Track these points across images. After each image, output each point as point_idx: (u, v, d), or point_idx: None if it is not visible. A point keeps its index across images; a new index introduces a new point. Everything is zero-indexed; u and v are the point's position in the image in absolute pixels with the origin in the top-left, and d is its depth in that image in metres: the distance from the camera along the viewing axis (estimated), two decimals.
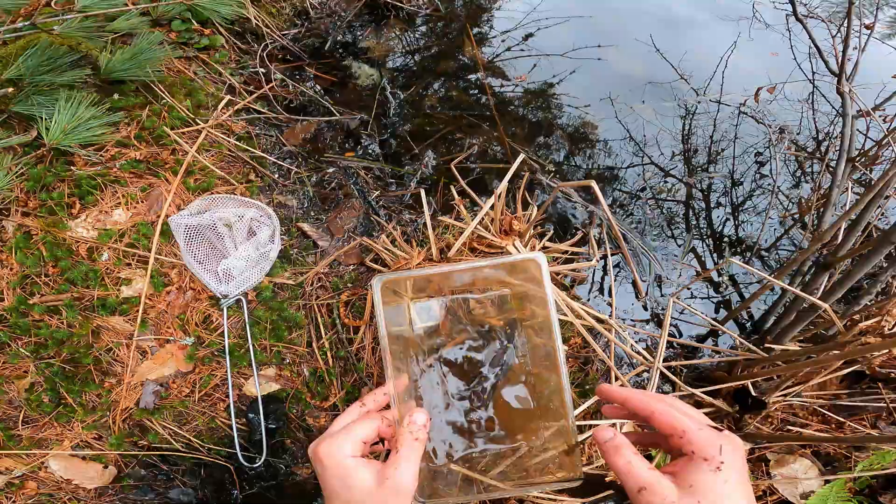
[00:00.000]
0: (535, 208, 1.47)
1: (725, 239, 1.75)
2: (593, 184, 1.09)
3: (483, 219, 1.34)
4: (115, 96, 1.43)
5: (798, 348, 1.33)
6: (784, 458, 1.36)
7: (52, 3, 1.43)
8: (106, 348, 1.35)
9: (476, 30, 2.15)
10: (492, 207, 1.35)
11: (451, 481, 1.17)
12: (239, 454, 1.36)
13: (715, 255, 1.71)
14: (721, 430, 0.60)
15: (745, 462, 0.61)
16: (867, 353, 1.16)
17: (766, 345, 1.35)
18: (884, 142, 1.41)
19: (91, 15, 1.28)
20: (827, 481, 1.31)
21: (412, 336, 1.07)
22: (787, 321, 1.38)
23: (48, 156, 1.38)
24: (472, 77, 1.99)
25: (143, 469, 1.39)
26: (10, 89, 1.22)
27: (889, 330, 1.27)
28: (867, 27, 1.76)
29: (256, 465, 1.37)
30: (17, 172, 1.34)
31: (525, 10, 2.27)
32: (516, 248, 1.25)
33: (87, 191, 1.39)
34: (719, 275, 1.68)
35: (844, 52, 1.21)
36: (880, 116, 1.70)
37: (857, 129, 1.49)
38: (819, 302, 1.21)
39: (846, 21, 1.22)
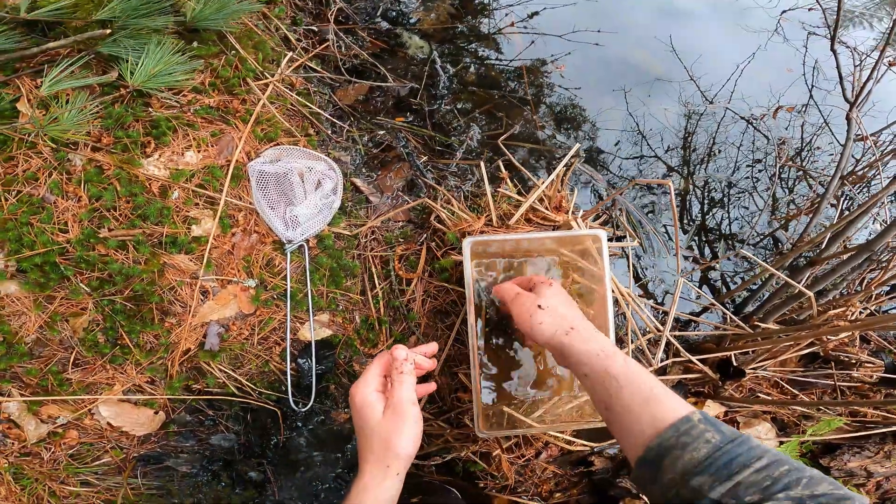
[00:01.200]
0: (574, 191, 1.63)
1: (719, 233, 1.98)
2: (671, 183, 1.25)
3: (539, 194, 1.49)
4: (195, 44, 1.44)
5: (778, 328, 1.58)
6: (750, 421, 1.61)
7: None
8: (169, 287, 1.39)
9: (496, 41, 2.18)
10: (549, 185, 1.51)
11: (500, 421, 1.36)
12: (290, 397, 1.45)
13: (708, 247, 1.95)
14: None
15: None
16: (835, 334, 1.42)
17: (753, 323, 1.60)
18: (875, 164, 1.66)
19: None
20: (781, 443, 1.58)
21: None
22: (772, 305, 1.63)
23: (127, 96, 1.38)
24: (513, 66, 2.08)
25: (188, 415, 1.44)
26: (107, 31, 1.21)
27: (851, 318, 1.54)
28: (891, 64, 1.98)
29: (304, 409, 1.47)
30: (91, 110, 1.34)
31: None
32: (577, 224, 1.41)
33: (163, 131, 1.41)
34: (718, 262, 1.91)
35: (865, 84, 1.41)
36: (873, 141, 1.96)
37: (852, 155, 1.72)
38: (806, 291, 1.44)
39: (880, 55, 1.40)
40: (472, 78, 1.96)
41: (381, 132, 1.76)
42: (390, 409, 0.89)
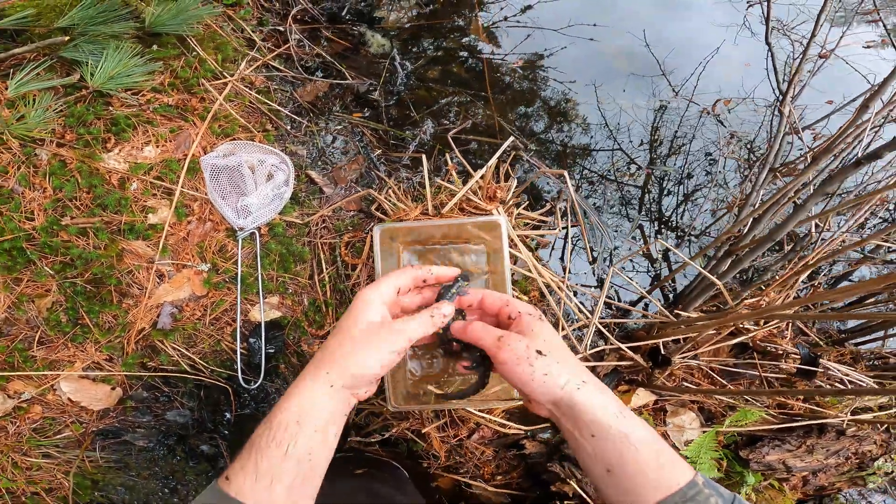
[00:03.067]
0: (515, 181, 1.70)
1: (669, 223, 2.02)
2: (566, 174, 1.32)
3: (472, 185, 1.57)
4: (155, 47, 1.55)
5: (696, 315, 1.62)
6: (677, 410, 1.65)
7: None
8: (127, 270, 1.51)
9: (480, 43, 2.25)
10: (482, 177, 1.58)
11: (425, 400, 1.45)
12: (240, 375, 1.55)
13: (658, 235, 1.99)
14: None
15: None
16: (739, 321, 1.46)
17: (676, 311, 1.64)
18: (805, 157, 1.68)
19: None
20: (704, 432, 1.63)
21: None
22: (694, 294, 1.68)
23: (88, 97, 1.51)
24: (473, 61, 2.15)
25: (145, 391, 1.56)
26: (66, 38, 1.33)
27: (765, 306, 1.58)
28: (822, 56, 1.99)
29: (253, 386, 1.57)
30: (56, 109, 1.47)
31: None
32: (498, 212, 1.48)
33: (122, 128, 1.54)
34: (657, 252, 1.96)
35: (793, 77, 1.43)
36: (811, 133, 1.98)
37: (789, 142, 1.73)
38: (715, 279, 1.48)
39: (804, 50, 1.43)
40: (433, 74, 2.04)
41: (339, 127, 1.86)
42: (394, 324, 0.81)
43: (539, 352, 0.77)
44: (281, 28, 1.91)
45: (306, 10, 1.97)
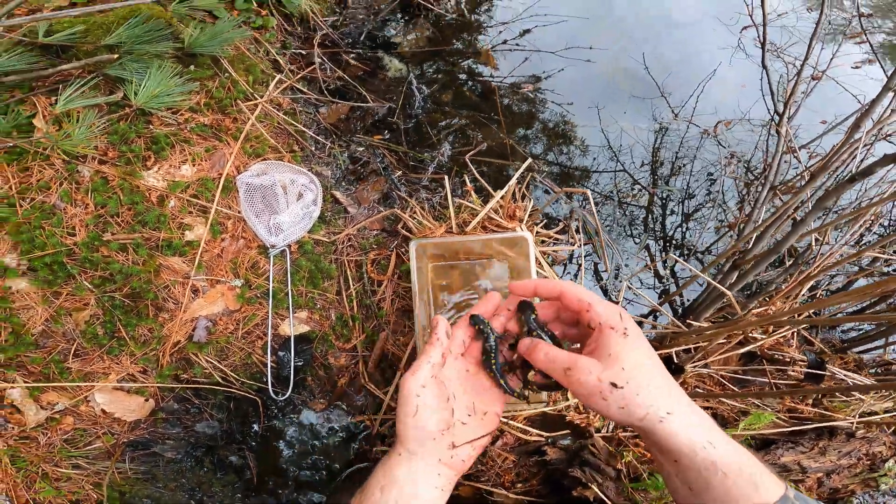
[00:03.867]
0: (532, 201, 1.80)
1: (673, 240, 2.14)
2: (589, 193, 1.42)
3: (494, 204, 1.67)
4: (192, 68, 1.63)
5: (706, 325, 1.73)
6: None
7: None
8: (164, 286, 1.57)
9: (475, 16, 2.42)
10: (502, 196, 1.68)
11: None
12: (270, 387, 1.61)
13: (663, 252, 2.11)
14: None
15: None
16: (749, 329, 1.56)
17: (687, 321, 1.75)
18: (803, 175, 1.82)
19: None
20: None
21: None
22: (702, 306, 1.79)
23: (131, 115, 1.58)
24: (484, 86, 2.27)
25: (176, 403, 1.60)
26: (115, 56, 1.41)
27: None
28: (814, 77, 2.14)
29: (282, 398, 1.63)
30: (99, 127, 1.53)
31: (527, 3, 2.53)
32: (521, 229, 1.58)
33: (162, 146, 1.60)
34: (664, 268, 2.07)
35: (789, 99, 1.56)
36: (807, 152, 2.12)
37: (786, 161, 1.86)
38: (725, 290, 1.59)
39: (798, 72, 1.56)
40: (448, 97, 2.15)
41: (361, 148, 1.95)
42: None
43: (614, 384, 0.69)
44: (303, 51, 2.00)
45: (328, 35, 2.07)
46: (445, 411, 0.79)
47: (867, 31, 2.66)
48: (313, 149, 1.89)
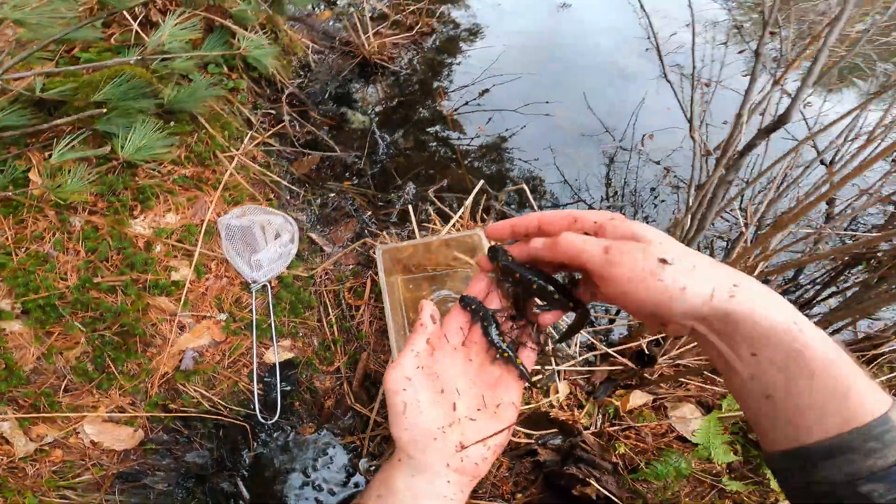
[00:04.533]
0: (491, 221, 1.97)
1: None
2: (525, 187, 1.59)
3: (456, 224, 1.83)
4: (172, 124, 1.82)
5: None
6: (676, 404, 1.84)
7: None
8: (152, 323, 1.68)
9: (437, 83, 2.68)
10: (460, 216, 1.85)
11: None
12: (257, 410, 1.69)
13: None
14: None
15: None
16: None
17: None
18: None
19: (167, 57, 1.69)
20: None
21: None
22: None
23: (118, 167, 1.74)
24: (441, 130, 2.52)
25: (165, 434, 1.66)
26: (104, 109, 1.59)
27: None
28: (706, 84, 2.40)
29: (270, 421, 1.70)
30: (89, 179, 1.69)
31: (483, 66, 2.83)
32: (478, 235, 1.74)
33: (147, 196, 1.76)
34: None
35: (692, 106, 1.79)
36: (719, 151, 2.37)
37: (705, 161, 2.06)
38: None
39: (697, 84, 1.80)
40: (409, 143, 2.38)
41: (332, 194, 2.13)
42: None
43: (663, 260, 0.56)
44: (273, 111, 2.23)
45: (294, 94, 2.31)
46: (442, 406, 0.68)
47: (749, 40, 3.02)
48: (288, 197, 2.06)
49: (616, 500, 1.56)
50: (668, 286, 0.56)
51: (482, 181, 1.87)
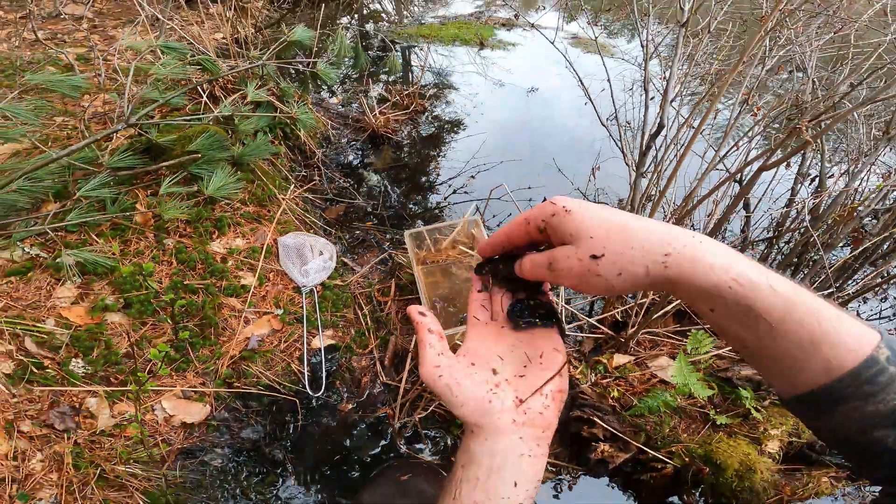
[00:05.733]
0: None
1: None
2: (505, 185, 2.18)
3: (457, 235, 2.40)
4: (239, 173, 2.44)
5: None
6: (653, 358, 2.22)
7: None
8: (224, 318, 2.17)
9: (425, 178, 3.33)
10: (458, 231, 2.42)
11: None
12: (307, 386, 2.13)
13: None
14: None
15: None
16: None
17: None
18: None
19: (242, 115, 2.35)
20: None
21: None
22: None
23: (202, 202, 2.33)
24: (436, 181, 3.20)
25: (226, 412, 2.03)
26: (198, 155, 2.21)
27: None
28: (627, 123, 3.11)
29: (316, 394, 2.13)
30: (181, 210, 2.26)
31: (466, 158, 3.51)
32: (474, 235, 2.30)
33: (223, 225, 2.33)
34: None
35: (642, 151, 2.44)
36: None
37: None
38: None
39: (644, 130, 2.47)
40: (415, 195, 3.03)
41: (357, 232, 2.72)
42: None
43: (594, 256, 0.61)
44: (305, 173, 2.88)
45: (321, 158, 2.99)
46: (481, 374, 0.70)
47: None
48: (323, 234, 2.64)
49: (620, 434, 1.85)
50: (606, 278, 0.60)
51: (474, 203, 2.47)
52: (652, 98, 2.29)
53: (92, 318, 2.00)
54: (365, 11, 5.33)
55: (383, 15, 5.23)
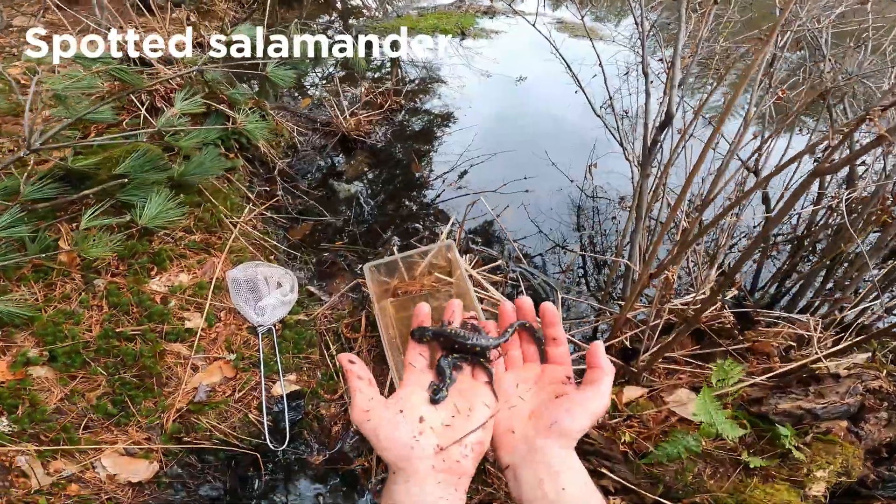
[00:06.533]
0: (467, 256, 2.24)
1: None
2: (482, 198, 1.88)
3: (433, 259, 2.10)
4: (182, 196, 2.15)
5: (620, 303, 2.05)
6: (672, 390, 1.95)
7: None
8: (167, 366, 1.88)
9: (419, 175, 3.05)
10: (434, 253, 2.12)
11: None
12: (267, 439, 1.84)
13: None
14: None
15: None
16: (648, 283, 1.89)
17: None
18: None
19: (177, 130, 2.04)
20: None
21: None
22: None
23: (136, 234, 2.04)
24: (417, 189, 2.89)
25: (179, 468, 1.79)
26: (125, 179, 1.92)
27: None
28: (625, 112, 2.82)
29: (280, 448, 1.84)
30: (110, 245, 1.97)
31: (460, 150, 3.22)
32: (454, 258, 2.00)
33: (163, 259, 2.04)
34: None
35: (646, 146, 2.13)
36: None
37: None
38: (626, 261, 1.96)
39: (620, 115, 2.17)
40: (390, 205, 2.73)
41: (326, 254, 2.41)
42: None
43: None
44: (267, 188, 2.58)
45: (284, 171, 2.68)
46: (408, 422, 0.77)
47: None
48: (286, 259, 2.34)
49: (634, 487, 1.62)
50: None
51: (452, 219, 2.17)
52: (652, 82, 1.98)
53: (14, 374, 1.76)
54: (344, 7, 5.03)
55: (364, 11, 4.92)
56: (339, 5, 5.09)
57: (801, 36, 2.02)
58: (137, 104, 2.31)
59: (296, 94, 3.44)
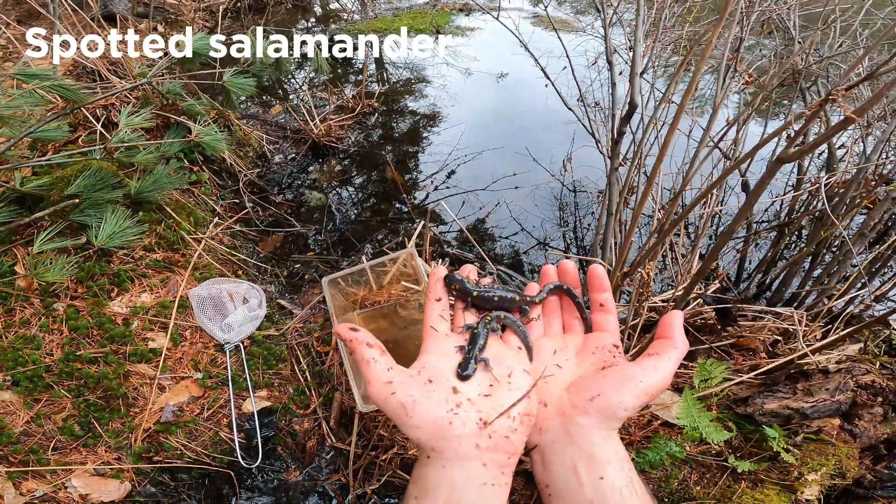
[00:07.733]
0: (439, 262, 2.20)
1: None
2: (444, 203, 1.86)
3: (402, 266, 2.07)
4: (140, 213, 2.12)
5: None
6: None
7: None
8: (133, 387, 1.86)
9: (375, 190, 3.00)
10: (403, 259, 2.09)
11: None
12: (239, 454, 1.82)
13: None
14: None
15: None
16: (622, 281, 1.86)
17: None
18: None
19: (132, 146, 2.02)
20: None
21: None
22: None
23: (94, 255, 2.01)
24: (391, 195, 2.86)
25: (153, 486, 1.78)
26: (77, 200, 1.89)
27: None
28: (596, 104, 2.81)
29: (253, 465, 1.82)
30: (69, 269, 1.95)
31: (448, 149, 3.20)
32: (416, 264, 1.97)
33: (123, 280, 2.01)
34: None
35: (612, 137, 2.11)
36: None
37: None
38: (599, 261, 1.93)
39: (614, 121, 2.15)
40: (367, 214, 2.69)
41: (298, 266, 2.38)
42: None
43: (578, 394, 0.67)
44: (236, 200, 2.55)
45: (254, 182, 2.65)
46: (439, 391, 0.67)
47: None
48: (256, 273, 2.32)
49: None
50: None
51: (422, 222, 2.14)
52: (620, 73, 1.95)
53: None
54: (322, 12, 5.02)
55: (340, 14, 4.91)
56: (317, 10, 5.08)
57: (769, 19, 2.00)
58: (93, 120, 2.29)
59: (273, 101, 3.42)
